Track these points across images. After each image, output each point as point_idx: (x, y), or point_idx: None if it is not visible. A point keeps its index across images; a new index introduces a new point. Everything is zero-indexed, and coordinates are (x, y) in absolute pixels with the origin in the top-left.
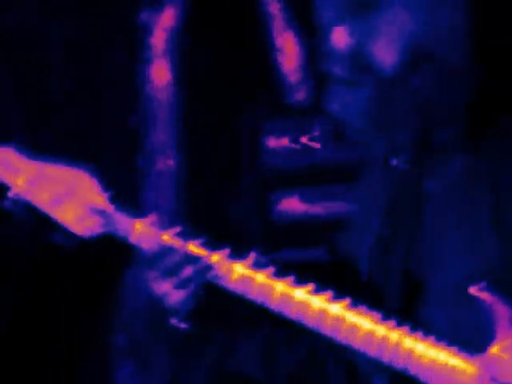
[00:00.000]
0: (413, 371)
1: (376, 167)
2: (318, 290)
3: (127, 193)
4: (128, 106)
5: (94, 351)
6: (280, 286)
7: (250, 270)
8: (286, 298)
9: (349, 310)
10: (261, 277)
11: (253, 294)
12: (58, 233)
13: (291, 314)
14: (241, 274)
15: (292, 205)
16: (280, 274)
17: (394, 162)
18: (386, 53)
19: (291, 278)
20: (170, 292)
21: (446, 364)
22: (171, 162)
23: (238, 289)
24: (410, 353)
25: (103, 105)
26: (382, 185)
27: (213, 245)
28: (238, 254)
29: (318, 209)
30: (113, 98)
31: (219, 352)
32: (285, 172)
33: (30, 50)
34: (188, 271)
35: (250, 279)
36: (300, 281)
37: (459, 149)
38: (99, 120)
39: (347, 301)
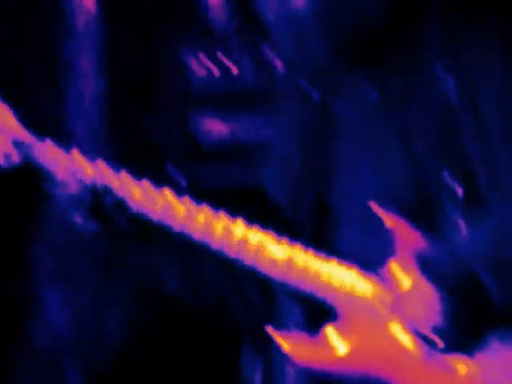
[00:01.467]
0: (320, 294)
1: (294, 99)
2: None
3: (51, 120)
4: (53, 34)
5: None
6: (186, 209)
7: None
8: (191, 221)
9: (255, 233)
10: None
11: (157, 215)
12: None
13: (195, 235)
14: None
15: (213, 125)
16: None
17: (314, 96)
18: None
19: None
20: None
21: (352, 286)
22: (95, 86)
23: (143, 209)
24: (317, 275)
25: (32, 36)
26: (298, 116)
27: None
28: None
29: (238, 130)
30: (40, 29)
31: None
32: (206, 94)
33: None
34: (99, 192)
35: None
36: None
37: (372, 76)
38: (27, 53)
39: (255, 226)
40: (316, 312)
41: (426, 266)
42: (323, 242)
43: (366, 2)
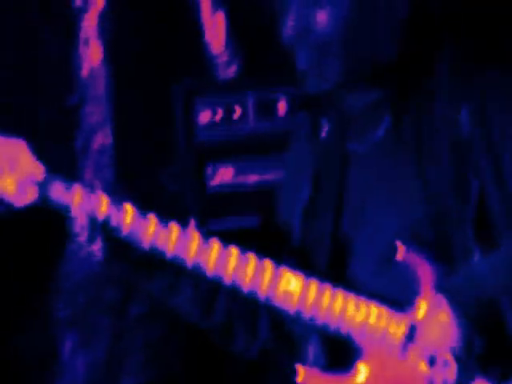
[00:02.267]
0: (344, 331)
1: (303, 138)
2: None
3: (64, 171)
4: (65, 86)
5: (38, 324)
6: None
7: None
8: (203, 256)
9: (280, 273)
10: (194, 244)
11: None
12: None
13: (208, 271)
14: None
15: (226, 175)
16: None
17: (322, 133)
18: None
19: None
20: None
21: (376, 323)
22: (108, 140)
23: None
24: (342, 313)
25: (41, 85)
26: (308, 153)
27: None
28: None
29: (252, 178)
30: (50, 80)
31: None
32: (218, 144)
33: None
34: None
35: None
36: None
37: (384, 112)
38: (37, 100)
39: (276, 264)
40: (335, 347)
41: (445, 294)
42: (339, 278)
43: (384, 35)
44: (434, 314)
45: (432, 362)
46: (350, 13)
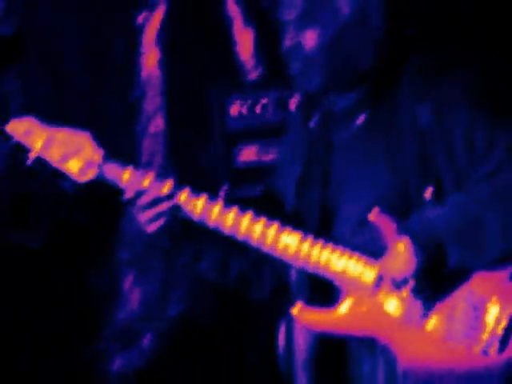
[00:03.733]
0: (326, 274)
1: (298, 126)
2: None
3: (126, 152)
4: (127, 84)
5: (104, 265)
6: (232, 217)
7: (209, 205)
8: (224, 219)
9: (279, 230)
10: (216, 209)
11: (210, 223)
12: (66, 181)
13: (237, 236)
14: (201, 208)
15: (250, 154)
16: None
17: (311, 123)
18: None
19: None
20: (149, 222)
21: (354, 269)
22: (161, 127)
23: (200, 220)
24: (327, 261)
25: (108, 83)
26: (300, 137)
27: (182, 186)
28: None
29: (269, 156)
30: (116, 78)
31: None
32: (244, 130)
33: (50, 43)
34: (161, 208)
35: (208, 212)
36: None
37: (361, 109)
38: (105, 94)
39: (277, 223)
40: (321, 288)
41: (404, 230)
42: (326, 237)
43: (362, 52)
44: (395, 248)
45: (396, 285)
46: (333, 33)
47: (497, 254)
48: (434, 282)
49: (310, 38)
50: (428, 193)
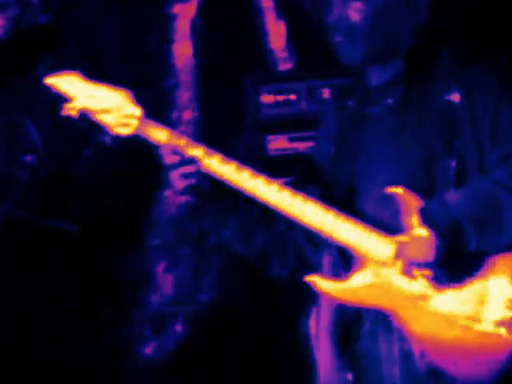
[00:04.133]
0: (347, 246)
1: (331, 109)
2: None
3: None
4: (162, 74)
5: (137, 251)
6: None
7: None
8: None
9: (308, 200)
10: (246, 174)
11: (225, 178)
12: (106, 134)
13: (259, 198)
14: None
15: (282, 143)
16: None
17: (348, 104)
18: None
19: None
20: (181, 179)
21: (372, 240)
22: (195, 114)
23: (216, 175)
24: (349, 233)
25: (144, 74)
26: (335, 120)
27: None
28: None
29: (302, 145)
30: (152, 68)
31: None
32: (276, 120)
33: (90, 35)
34: (193, 168)
35: (235, 176)
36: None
37: (397, 85)
38: (141, 83)
39: (305, 195)
40: (341, 261)
41: (424, 215)
42: (352, 211)
43: (403, 29)
44: (415, 233)
45: (414, 268)
46: (378, 7)
47: None
48: (452, 266)
49: (355, 11)
50: (452, 166)
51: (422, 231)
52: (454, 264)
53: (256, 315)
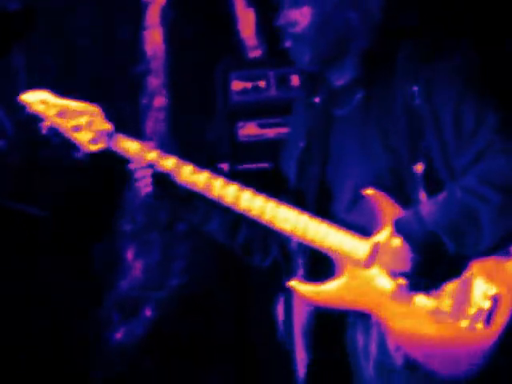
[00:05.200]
0: (322, 248)
1: (302, 104)
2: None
3: (132, 123)
4: (134, 61)
5: (108, 237)
6: (220, 187)
7: (211, 180)
8: (225, 194)
9: (281, 205)
10: (218, 184)
11: (212, 196)
12: (76, 150)
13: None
14: (204, 183)
15: (252, 129)
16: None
17: (315, 100)
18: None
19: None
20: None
21: (345, 241)
22: (165, 101)
23: (203, 193)
24: (323, 235)
25: (116, 60)
26: (305, 116)
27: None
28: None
29: (271, 132)
30: (123, 56)
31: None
32: (246, 106)
33: (63, 21)
34: (158, 174)
35: (210, 186)
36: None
37: (357, 88)
38: (113, 70)
39: (274, 200)
40: (317, 264)
41: (399, 227)
42: (324, 213)
43: (354, 33)
44: (390, 242)
45: (392, 274)
46: (325, 13)
47: (493, 241)
48: (430, 273)
49: (303, 16)
50: (419, 170)
51: (396, 241)
52: (432, 270)
53: (227, 300)
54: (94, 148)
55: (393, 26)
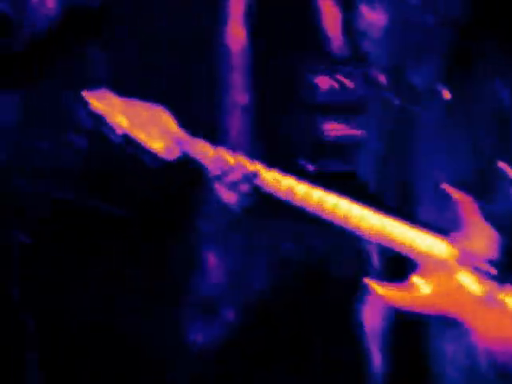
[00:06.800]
0: (405, 252)
1: (379, 105)
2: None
3: (209, 124)
4: (212, 57)
5: (183, 237)
6: (304, 189)
7: (281, 177)
8: (308, 198)
9: (365, 207)
10: (302, 189)
11: (282, 194)
12: (149, 157)
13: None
14: (274, 180)
15: (332, 127)
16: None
17: (397, 101)
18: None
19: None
20: (230, 195)
21: (429, 245)
22: (245, 99)
23: (274, 192)
24: (406, 237)
25: (191, 58)
26: (382, 117)
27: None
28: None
29: (356, 132)
30: (199, 52)
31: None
32: (327, 103)
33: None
34: (246, 186)
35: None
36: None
37: (440, 87)
38: (189, 71)
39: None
40: (401, 266)
41: (488, 215)
42: (403, 214)
43: (432, 36)
44: (479, 230)
45: (479, 268)
46: (403, 15)
47: None
48: None
49: (380, 19)
50: (508, 169)
51: (484, 228)
52: None
53: (309, 308)
54: (169, 156)
55: (474, 25)
